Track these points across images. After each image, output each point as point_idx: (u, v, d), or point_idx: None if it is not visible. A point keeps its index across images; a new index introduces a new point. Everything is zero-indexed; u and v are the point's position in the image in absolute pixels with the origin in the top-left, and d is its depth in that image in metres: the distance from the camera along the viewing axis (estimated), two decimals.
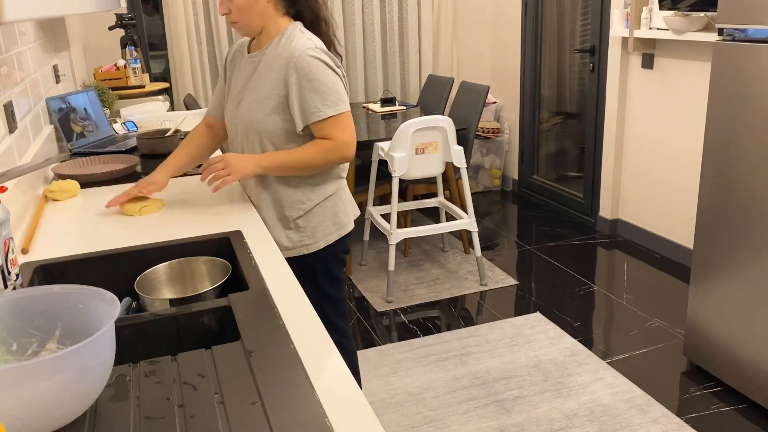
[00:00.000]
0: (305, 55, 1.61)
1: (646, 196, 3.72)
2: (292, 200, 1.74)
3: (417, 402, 2.41)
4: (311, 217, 1.76)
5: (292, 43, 1.64)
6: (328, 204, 1.78)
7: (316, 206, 1.76)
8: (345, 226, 1.82)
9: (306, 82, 1.61)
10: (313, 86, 1.62)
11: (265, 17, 1.67)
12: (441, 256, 3.76)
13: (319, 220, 1.77)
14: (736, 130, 2.20)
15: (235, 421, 0.84)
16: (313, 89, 1.62)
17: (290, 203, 1.74)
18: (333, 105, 1.64)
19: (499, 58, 4.91)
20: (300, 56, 1.60)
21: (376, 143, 3.32)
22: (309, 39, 1.65)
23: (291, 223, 1.75)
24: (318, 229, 1.77)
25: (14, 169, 1.15)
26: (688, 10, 3.06)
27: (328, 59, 1.64)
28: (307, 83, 1.61)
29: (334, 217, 1.79)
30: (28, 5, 1.05)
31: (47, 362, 0.76)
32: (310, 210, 1.75)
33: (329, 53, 1.67)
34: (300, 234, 1.76)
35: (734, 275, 2.28)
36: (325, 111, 1.63)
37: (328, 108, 1.63)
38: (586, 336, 2.84)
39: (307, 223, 1.76)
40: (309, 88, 1.62)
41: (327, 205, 1.78)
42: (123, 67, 3.48)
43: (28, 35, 2.22)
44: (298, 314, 1.14)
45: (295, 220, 1.75)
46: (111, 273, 1.42)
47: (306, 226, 1.76)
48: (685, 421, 2.25)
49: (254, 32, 1.70)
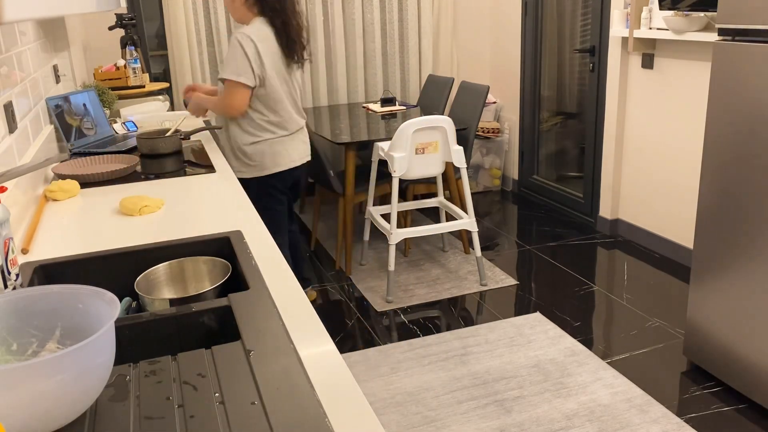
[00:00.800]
0: (235, 35, 2.42)
1: (646, 196, 3.73)
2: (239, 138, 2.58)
3: (417, 402, 2.41)
4: (250, 151, 2.57)
5: (239, 30, 2.45)
6: (262, 146, 2.57)
7: (251, 145, 2.57)
8: (270, 168, 2.61)
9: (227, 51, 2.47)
10: (227, 56, 2.44)
11: (240, 11, 2.49)
12: (441, 256, 3.76)
13: (251, 159, 2.58)
14: (736, 130, 2.20)
15: (235, 421, 0.84)
16: (226, 58, 2.44)
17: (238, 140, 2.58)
18: (225, 71, 2.42)
19: (499, 58, 4.91)
20: (233, 36, 2.43)
21: (376, 143, 3.32)
22: (248, 28, 2.43)
23: (238, 152, 2.60)
24: (250, 165, 2.60)
25: (14, 169, 1.15)
26: (688, 10, 3.06)
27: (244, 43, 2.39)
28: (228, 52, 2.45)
29: (271, 156, 2.59)
30: (28, 5, 1.05)
31: (47, 362, 0.76)
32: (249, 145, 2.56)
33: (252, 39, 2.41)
34: (243, 162, 2.60)
35: (734, 275, 2.28)
36: (221, 73, 2.45)
37: (223, 72, 2.44)
38: (586, 336, 2.84)
39: (246, 156, 2.58)
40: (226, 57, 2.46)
41: (253, 149, 2.57)
42: (123, 67, 3.48)
43: (28, 35, 2.22)
44: (298, 314, 1.14)
45: (239, 149, 2.59)
46: (111, 273, 1.42)
47: (246, 157, 2.59)
48: (685, 421, 2.25)
49: (240, 22, 2.53)
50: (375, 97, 4.67)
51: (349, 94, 4.65)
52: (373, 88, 4.66)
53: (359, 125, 3.72)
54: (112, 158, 2.28)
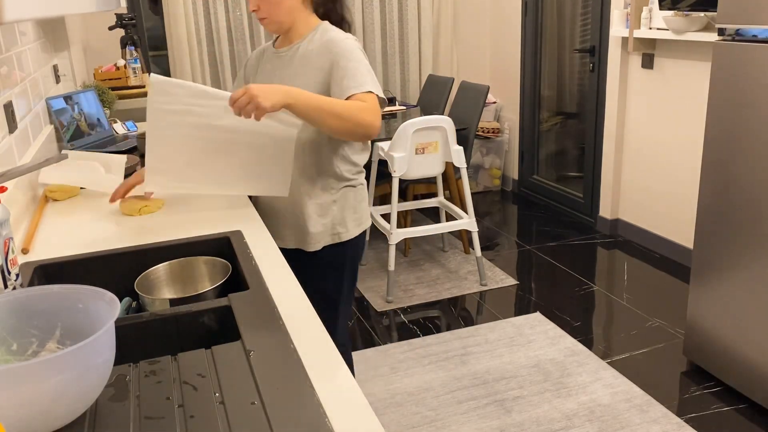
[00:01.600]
0: (347, 41, 1.64)
1: (646, 195, 3.72)
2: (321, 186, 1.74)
3: (417, 402, 2.41)
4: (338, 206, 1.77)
5: (329, 34, 1.66)
6: (350, 195, 1.78)
7: (342, 196, 1.76)
8: (366, 220, 1.85)
9: (346, 61, 1.61)
10: (354, 65, 1.61)
11: (294, 13, 1.68)
12: (441, 256, 3.76)
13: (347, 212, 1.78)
14: (736, 130, 2.20)
15: (235, 421, 0.84)
16: (354, 67, 1.61)
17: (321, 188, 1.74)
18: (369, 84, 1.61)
19: (499, 58, 4.91)
20: (342, 41, 1.63)
21: (376, 143, 3.32)
22: (344, 34, 1.69)
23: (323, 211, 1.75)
24: (347, 218, 1.78)
25: (14, 169, 1.15)
26: (688, 10, 3.06)
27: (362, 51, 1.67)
28: (348, 62, 1.61)
29: (360, 208, 1.81)
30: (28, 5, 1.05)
31: (47, 362, 0.76)
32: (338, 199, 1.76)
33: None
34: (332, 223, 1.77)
35: (734, 275, 2.28)
36: (366, 85, 1.60)
37: (368, 84, 1.61)
38: (586, 336, 2.84)
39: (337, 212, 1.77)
40: (350, 67, 1.61)
41: (349, 196, 1.78)
42: (123, 67, 3.48)
43: (28, 35, 2.22)
44: (298, 314, 1.14)
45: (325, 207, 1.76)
46: (111, 273, 1.42)
47: (336, 215, 1.77)
48: (685, 421, 2.25)
49: (283, 28, 1.70)
50: None
51: None
52: None
53: None
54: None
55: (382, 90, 1.67)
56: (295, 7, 1.67)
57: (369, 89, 1.60)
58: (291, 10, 1.67)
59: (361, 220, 1.82)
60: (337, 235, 1.78)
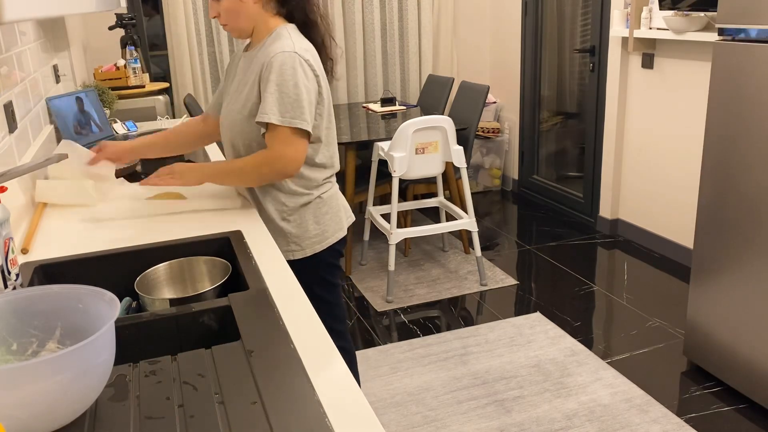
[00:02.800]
0: (278, 56, 1.54)
1: (646, 195, 3.72)
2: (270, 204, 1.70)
3: (417, 402, 2.41)
4: (293, 224, 1.71)
5: (274, 44, 1.59)
6: (306, 212, 1.71)
7: (296, 213, 1.70)
8: (333, 235, 1.76)
9: (266, 83, 1.55)
10: (272, 88, 1.55)
11: (254, 18, 1.63)
12: (441, 256, 3.76)
13: (302, 229, 1.71)
14: (736, 130, 2.20)
15: (235, 421, 0.84)
16: (273, 90, 1.55)
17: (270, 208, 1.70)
18: (283, 114, 1.54)
19: (499, 58, 4.91)
20: (275, 56, 1.55)
21: (376, 143, 3.32)
22: (293, 41, 1.59)
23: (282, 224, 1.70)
24: (303, 237, 1.71)
25: (14, 169, 1.15)
26: (688, 9, 3.06)
27: (305, 64, 1.57)
28: (267, 83, 1.55)
29: (320, 224, 1.73)
30: (28, 5, 1.05)
31: (47, 362, 0.76)
32: (290, 217, 1.70)
33: (308, 60, 1.59)
34: (286, 240, 1.71)
35: (734, 275, 2.28)
36: (270, 116, 1.54)
37: (274, 115, 1.54)
38: (586, 336, 2.84)
39: (291, 229, 1.71)
40: (268, 90, 1.55)
41: (305, 213, 1.71)
42: (123, 67, 3.48)
43: (28, 35, 2.22)
44: (298, 314, 1.14)
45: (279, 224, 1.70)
46: (111, 273, 1.42)
47: (290, 233, 1.71)
48: (685, 421, 2.25)
49: (245, 34, 1.67)
50: (375, 97, 4.67)
51: (349, 93, 4.65)
52: (373, 88, 4.66)
53: (359, 125, 3.72)
54: None
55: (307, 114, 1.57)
56: (254, 12, 1.62)
57: (272, 121, 1.54)
58: (249, 16, 1.62)
59: (324, 235, 1.74)
60: (289, 252, 1.72)
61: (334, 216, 1.76)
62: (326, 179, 1.75)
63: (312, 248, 1.73)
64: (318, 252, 1.74)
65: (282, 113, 1.55)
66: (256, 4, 1.61)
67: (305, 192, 1.70)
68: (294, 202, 1.70)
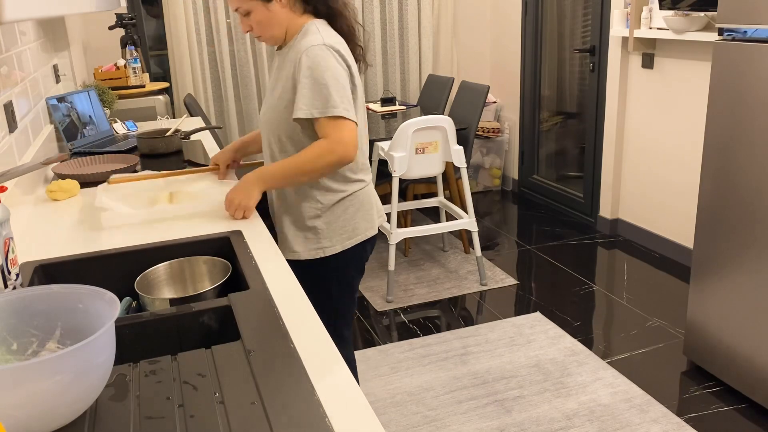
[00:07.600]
0: (311, 49, 1.57)
1: (646, 195, 3.72)
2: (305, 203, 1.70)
3: (417, 402, 2.41)
4: (325, 220, 1.71)
5: (304, 40, 1.61)
6: (338, 209, 1.72)
7: (329, 210, 1.70)
8: (364, 232, 1.76)
9: (301, 77, 1.57)
10: (308, 82, 1.57)
11: (285, 23, 1.65)
12: (441, 256, 3.76)
13: (334, 225, 1.71)
14: (736, 129, 2.20)
15: (235, 421, 0.84)
16: (309, 84, 1.57)
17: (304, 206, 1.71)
18: (325, 106, 1.57)
19: (499, 58, 4.91)
20: (306, 51, 1.58)
21: (377, 143, 3.32)
22: (321, 35, 1.61)
23: (310, 222, 1.71)
24: (335, 232, 1.72)
25: (14, 169, 1.15)
26: (688, 9, 3.06)
27: (336, 55, 1.59)
28: (303, 77, 1.57)
29: (352, 221, 1.73)
30: (28, 5, 1.05)
31: (47, 362, 0.76)
32: (323, 213, 1.70)
33: (339, 51, 1.60)
34: (316, 237, 1.71)
35: (734, 275, 2.28)
36: (312, 111, 1.57)
37: (316, 109, 1.57)
38: (586, 336, 2.84)
39: (323, 225, 1.71)
40: (304, 84, 1.57)
41: (337, 209, 1.71)
42: (123, 67, 3.48)
43: (28, 35, 2.22)
44: (298, 314, 1.14)
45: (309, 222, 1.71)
46: (111, 273, 1.42)
47: (322, 229, 1.71)
48: (685, 421, 2.25)
49: (280, 40, 1.69)
50: (375, 96, 4.67)
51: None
52: (373, 88, 4.66)
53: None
54: (112, 158, 2.27)
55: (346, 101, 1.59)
56: (284, 17, 1.64)
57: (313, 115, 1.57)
58: (281, 22, 1.64)
59: (356, 231, 1.74)
60: (320, 249, 1.72)
61: (366, 213, 1.77)
62: (359, 178, 1.75)
63: (342, 244, 1.73)
64: (348, 248, 1.74)
65: (324, 106, 1.57)
66: (283, 9, 1.63)
67: (340, 189, 1.71)
68: (329, 200, 1.70)
